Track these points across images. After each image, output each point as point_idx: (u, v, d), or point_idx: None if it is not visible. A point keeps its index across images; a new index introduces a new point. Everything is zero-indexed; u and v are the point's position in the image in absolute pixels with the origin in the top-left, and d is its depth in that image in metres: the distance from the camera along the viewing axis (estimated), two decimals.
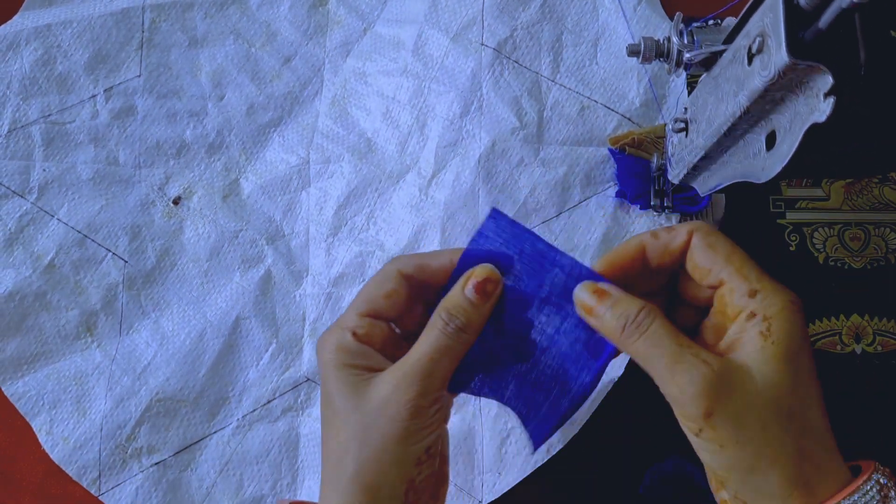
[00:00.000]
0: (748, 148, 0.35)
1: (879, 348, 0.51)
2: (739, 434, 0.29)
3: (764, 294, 0.31)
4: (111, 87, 0.56)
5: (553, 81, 0.54)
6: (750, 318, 0.30)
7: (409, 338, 0.36)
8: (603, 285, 0.34)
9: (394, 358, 0.35)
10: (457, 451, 0.49)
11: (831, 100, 0.27)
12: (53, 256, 0.53)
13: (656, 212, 0.50)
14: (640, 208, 0.50)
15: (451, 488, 0.48)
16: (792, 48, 0.27)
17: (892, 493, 0.29)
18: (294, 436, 0.51)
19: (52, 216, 0.54)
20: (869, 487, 0.29)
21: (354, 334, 0.35)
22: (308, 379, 0.52)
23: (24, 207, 0.54)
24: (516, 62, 0.54)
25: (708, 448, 0.30)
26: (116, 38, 0.57)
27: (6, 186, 0.54)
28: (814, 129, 0.28)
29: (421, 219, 0.52)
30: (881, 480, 0.30)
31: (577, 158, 0.52)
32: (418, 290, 0.37)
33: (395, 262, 0.36)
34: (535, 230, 0.51)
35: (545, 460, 0.48)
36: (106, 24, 0.57)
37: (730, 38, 0.35)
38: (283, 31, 0.58)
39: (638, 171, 0.50)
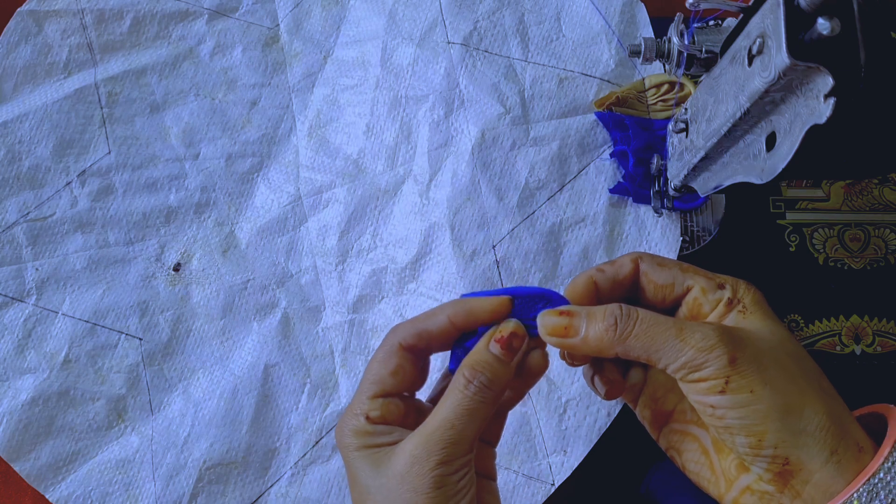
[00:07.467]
0: (748, 149, 0.35)
1: (879, 349, 0.51)
2: (765, 374, 0.29)
3: (729, 284, 0.33)
4: (84, 171, 0.55)
5: (526, 62, 0.54)
6: (728, 304, 0.32)
7: (436, 399, 0.35)
8: (567, 307, 0.33)
9: (418, 424, 0.33)
10: (515, 441, 0.49)
11: (831, 101, 0.27)
12: (67, 352, 0.52)
13: (657, 213, 0.50)
14: (638, 203, 0.51)
15: (518, 479, 0.48)
16: (792, 49, 0.27)
17: None
18: None
19: (56, 312, 0.53)
20: None
21: (368, 418, 0.33)
22: None
23: (27, 311, 0.52)
24: (486, 52, 0.54)
25: (739, 401, 0.29)
26: (77, 120, 0.55)
27: (3, 294, 0.53)
28: (814, 131, 0.28)
29: (426, 222, 0.52)
30: None
31: (567, 130, 0.52)
32: (424, 356, 0.35)
33: (393, 333, 0.35)
34: (542, 208, 0.51)
35: (608, 424, 0.48)
36: (63, 108, 0.55)
37: (730, 39, 0.35)
38: (242, 76, 0.57)
39: (625, 124, 0.50)
